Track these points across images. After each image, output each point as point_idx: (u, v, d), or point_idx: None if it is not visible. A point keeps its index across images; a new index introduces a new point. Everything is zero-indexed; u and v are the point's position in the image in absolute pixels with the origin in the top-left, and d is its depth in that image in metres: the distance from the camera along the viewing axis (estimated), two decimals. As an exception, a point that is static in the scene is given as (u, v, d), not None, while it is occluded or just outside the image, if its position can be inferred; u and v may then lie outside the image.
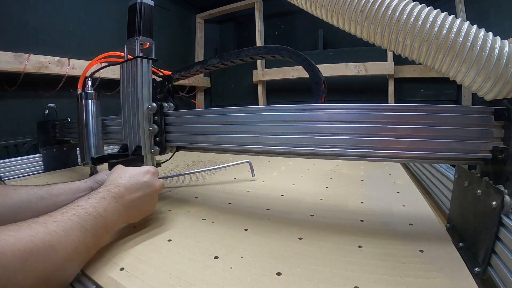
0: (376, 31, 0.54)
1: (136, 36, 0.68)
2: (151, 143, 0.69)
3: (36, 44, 1.30)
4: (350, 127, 0.48)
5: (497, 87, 0.43)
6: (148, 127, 0.68)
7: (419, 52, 0.50)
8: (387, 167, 1.11)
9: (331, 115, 0.50)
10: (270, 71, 2.18)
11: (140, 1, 0.67)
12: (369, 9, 0.52)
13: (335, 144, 0.49)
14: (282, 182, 0.93)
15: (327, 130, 0.50)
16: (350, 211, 0.65)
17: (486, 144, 0.42)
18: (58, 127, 1.24)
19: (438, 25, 0.47)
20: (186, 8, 2.38)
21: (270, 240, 0.52)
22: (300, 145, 0.52)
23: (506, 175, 0.40)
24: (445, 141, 0.44)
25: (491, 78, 0.43)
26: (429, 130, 0.44)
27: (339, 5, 0.58)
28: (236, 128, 0.59)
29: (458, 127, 0.43)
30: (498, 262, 0.37)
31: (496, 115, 0.42)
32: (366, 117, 0.47)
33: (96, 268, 0.43)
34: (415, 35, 0.49)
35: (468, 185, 0.47)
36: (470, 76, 0.45)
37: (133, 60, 0.68)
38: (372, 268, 0.42)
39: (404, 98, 1.87)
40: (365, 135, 0.47)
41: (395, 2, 0.51)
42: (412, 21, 0.49)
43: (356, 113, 0.48)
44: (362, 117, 0.47)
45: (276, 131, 0.54)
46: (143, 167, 0.58)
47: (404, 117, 0.45)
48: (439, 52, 0.47)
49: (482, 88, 0.45)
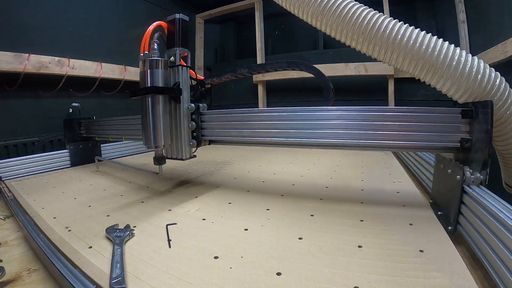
0: (368, 47, 0.67)
1: (176, 47, 0.79)
2: (190, 137, 0.82)
3: (36, 44, 1.30)
4: (354, 124, 0.64)
5: (466, 94, 0.58)
6: (188, 124, 0.81)
7: (408, 67, 0.64)
8: (387, 168, 1.11)
9: (339, 115, 0.65)
10: (270, 71, 2.17)
11: (179, 17, 0.79)
12: (369, 31, 0.65)
13: (342, 137, 0.65)
14: (282, 182, 0.93)
15: (335, 126, 0.65)
16: (350, 211, 0.65)
17: (456, 136, 0.58)
18: (84, 125, 1.33)
19: (425, 44, 0.60)
20: (186, 8, 2.38)
21: (270, 240, 0.52)
22: (312, 137, 0.68)
23: (470, 159, 0.56)
24: (426, 134, 0.59)
25: (461, 88, 0.58)
26: (413, 126, 0.60)
27: (338, 22, 0.68)
28: (257, 125, 0.75)
29: (435, 124, 0.58)
30: (464, 220, 0.52)
31: (463, 114, 0.57)
32: (365, 117, 0.63)
33: (96, 268, 0.44)
34: (406, 53, 0.62)
35: (443, 167, 0.63)
36: (446, 86, 0.60)
37: (175, 68, 0.79)
38: (372, 268, 0.42)
39: (404, 98, 1.88)
40: (365, 130, 0.63)
41: (387, 20, 0.65)
42: (400, 38, 0.62)
43: (358, 113, 0.63)
44: (363, 117, 0.63)
45: (287, 128, 0.70)
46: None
47: (394, 116, 0.61)
48: (423, 68, 0.61)
49: (455, 95, 0.60)
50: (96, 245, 0.51)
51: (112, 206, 0.73)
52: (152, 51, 0.75)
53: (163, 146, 0.76)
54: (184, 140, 0.81)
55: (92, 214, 0.68)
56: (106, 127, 1.24)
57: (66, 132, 1.32)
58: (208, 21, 2.52)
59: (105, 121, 1.25)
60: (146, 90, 0.73)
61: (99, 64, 1.53)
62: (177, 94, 0.78)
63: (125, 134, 1.12)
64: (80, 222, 0.63)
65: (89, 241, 0.53)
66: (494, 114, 0.53)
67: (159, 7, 2.09)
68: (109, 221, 0.63)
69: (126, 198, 0.80)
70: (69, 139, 1.31)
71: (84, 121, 1.34)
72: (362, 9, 0.67)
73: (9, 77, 1.21)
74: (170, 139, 0.79)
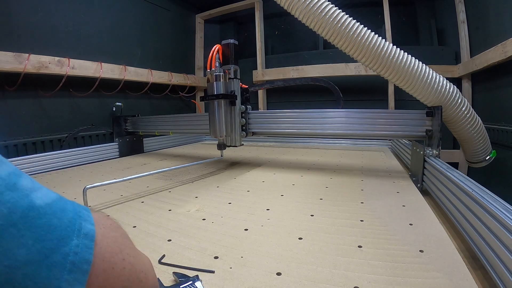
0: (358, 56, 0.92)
1: (231, 65, 1.05)
2: (240, 130, 1.13)
3: (36, 44, 1.30)
4: (355, 120, 0.99)
5: (429, 100, 0.88)
6: (240, 121, 1.11)
7: (390, 78, 0.91)
8: (387, 167, 1.11)
9: (347, 114, 1.00)
10: (270, 71, 2.18)
11: (233, 42, 1.05)
12: (366, 46, 0.87)
13: (347, 129, 1.00)
14: (282, 182, 0.93)
15: (342, 121, 1.01)
16: (350, 211, 0.65)
17: (423, 128, 0.90)
18: (130, 121, 1.61)
19: (407, 62, 0.86)
20: (186, 8, 2.38)
21: (270, 240, 0.52)
22: (323, 129, 1.03)
23: (432, 142, 0.87)
24: (403, 127, 0.93)
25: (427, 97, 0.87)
26: (397, 121, 0.94)
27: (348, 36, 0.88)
28: (281, 121, 1.10)
29: (410, 120, 0.93)
30: (426, 179, 0.83)
31: (428, 113, 0.89)
32: (364, 116, 0.98)
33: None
34: (389, 67, 0.88)
35: (416, 149, 0.95)
36: (417, 94, 0.89)
37: (230, 80, 1.07)
38: (372, 268, 0.42)
39: (404, 98, 1.87)
40: (361, 124, 0.98)
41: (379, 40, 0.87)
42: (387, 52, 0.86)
43: (358, 114, 0.99)
44: (362, 116, 0.98)
45: (303, 125, 1.06)
46: None
47: (384, 116, 0.96)
48: (403, 81, 0.88)
49: (425, 101, 0.89)
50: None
51: (111, 206, 0.74)
52: (214, 67, 1.03)
53: (224, 136, 1.07)
54: (237, 132, 1.11)
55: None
56: (151, 123, 1.55)
57: (115, 127, 1.56)
58: (208, 21, 2.52)
59: (151, 118, 1.58)
60: (216, 96, 1.02)
61: (99, 64, 1.53)
62: (234, 99, 1.07)
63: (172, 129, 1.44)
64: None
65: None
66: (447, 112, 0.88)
67: (159, 7, 2.09)
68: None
69: (125, 199, 0.80)
70: (117, 133, 1.56)
71: (130, 118, 1.60)
72: (346, 17, 0.87)
73: (9, 77, 1.21)
74: (228, 131, 1.08)
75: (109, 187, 0.84)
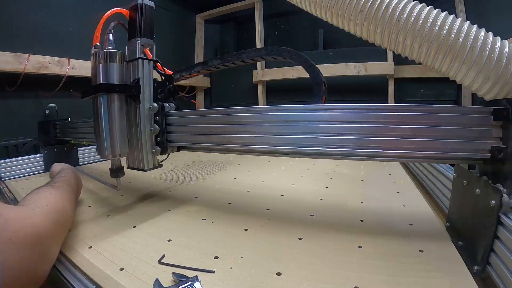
0: (376, 31, 0.55)
1: (137, 38, 0.67)
2: (152, 143, 0.68)
3: (36, 44, 1.30)
4: (351, 127, 0.48)
5: (496, 87, 0.44)
6: (149, 127, 0.67)
7: (419, 52, 0.51)
8: (387, 167, 1.11)
9: (332, 115, 0.49)
10: (270, 71, 2.18)
11: (141, 2, 0.67)
12: (369, 8, 0.55)
13: (336, 144, 0.49)
14: (282, 182, 0.92)
15: (328, 130, 0.49)
16: (350, 211, 0.65)
17: (485, 143, 0.43)
18: (59, 127, 1.21)
19: (439, 25, 0.48)
20: (186, 8, 2.38)
21: (270, 240, 0.52)
22: (302, 145, 0.52)
23: (504, 174, 0.40)
24: (444, 140, 0.44)
25: (491, 79, 0.44)
26: (428, 130, 0.44)
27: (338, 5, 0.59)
28: (237, 128, 0.58)
29: (457, 127, 0.43)
30: (497, 260, 0.38)
31: (495, 115, 0.42)
32: (366, 117, 0.47)
33: (96, 268, 0.44)
34: (416, 35, 0.50)
35: (467, 184, 0.47)
36: (470, 76, 0.46)
37: (134, 62, 0.67)
38: (372, 268, 0.42)
39: (404, 98, 1.87)
40: (365, 135, 0.47)
41: (395, 1, 0.52)
42: (412, 21, 0.50)
43: (356, 113, 0.48)
44: (362, 117, 0.47)
45: (277, 131, 0.54)
46: None
47: (403, 117, 0.45)
48: (439, 52, 0.48)
49: (482, 88, 0.46)
50: (96, 245, 0.51)
51: (110, 207, 0.73)
52: (106, 42, 0.64)
53: (119, 155, 0.63)
54: (146, 146, 0.67)
55: (92, 214, 0.68)
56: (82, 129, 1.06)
57: (41, 135, 1.21)
58: (208, 21, 2.52)
59: (82, 123, 1.05)
60: (96, 89, 0.61)
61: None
62: (135, 92, 0.64)
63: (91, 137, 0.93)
64: (80, 223, 0.63)
65: (89, 241, 0.53)
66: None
67: (159, 7, 2.08)
68: (108, 221, 0.63)
69: (125, 200, 0.80)
70: (43, 142, 1.21)
71: (60, 123, 1.22)
72: None
73: (9, 77, 1.21)
74: (127, 146, 0.65)
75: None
